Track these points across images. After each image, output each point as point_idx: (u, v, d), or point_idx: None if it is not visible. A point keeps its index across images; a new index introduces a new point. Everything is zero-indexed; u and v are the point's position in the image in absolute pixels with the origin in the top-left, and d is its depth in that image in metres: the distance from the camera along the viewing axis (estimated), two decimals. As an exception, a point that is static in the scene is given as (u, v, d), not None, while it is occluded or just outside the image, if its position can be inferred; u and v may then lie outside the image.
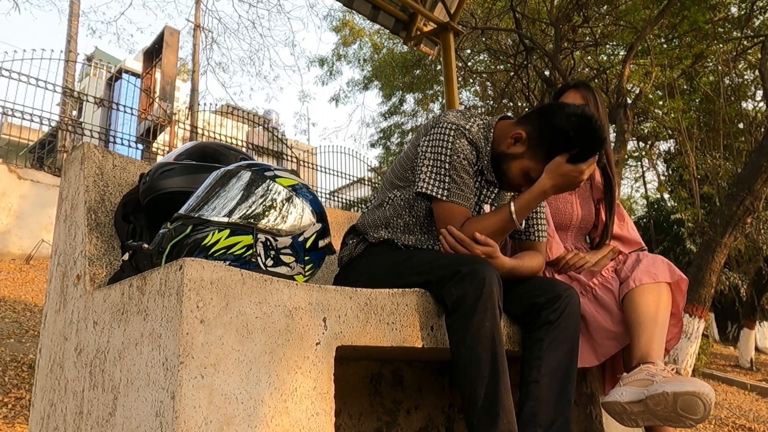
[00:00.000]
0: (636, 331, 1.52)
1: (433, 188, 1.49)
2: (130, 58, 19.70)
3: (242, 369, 1.01)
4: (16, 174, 7.47)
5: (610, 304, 1.62)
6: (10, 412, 2.95)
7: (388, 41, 12.41)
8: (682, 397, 1.30)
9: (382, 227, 1.61)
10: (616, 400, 1.43)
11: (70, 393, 1.30)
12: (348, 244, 1.68)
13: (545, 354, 1.42)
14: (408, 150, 1.62)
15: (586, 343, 1.63)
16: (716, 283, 4.97)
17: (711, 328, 12.34)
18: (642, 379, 1.41)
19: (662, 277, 1.60)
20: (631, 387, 1.42)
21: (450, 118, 1.53)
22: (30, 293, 5.81)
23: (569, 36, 8.81)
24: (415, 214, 1.59)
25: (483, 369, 1.26)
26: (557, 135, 1.44)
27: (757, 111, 8.51)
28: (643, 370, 1.44)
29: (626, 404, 1.40)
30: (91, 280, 1.39)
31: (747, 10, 7.78)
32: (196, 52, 13.85)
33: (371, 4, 4.50)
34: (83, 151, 1.57)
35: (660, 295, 1.57)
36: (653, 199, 15.94)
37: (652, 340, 1.50)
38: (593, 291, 1.65)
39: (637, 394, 1.39)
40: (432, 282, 1.38)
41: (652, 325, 1.52)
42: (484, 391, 1.25)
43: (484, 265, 1.33)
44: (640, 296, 1.56)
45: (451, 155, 1.49)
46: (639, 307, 1.54)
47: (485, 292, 1.29)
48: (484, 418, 1.24)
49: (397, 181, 1.62)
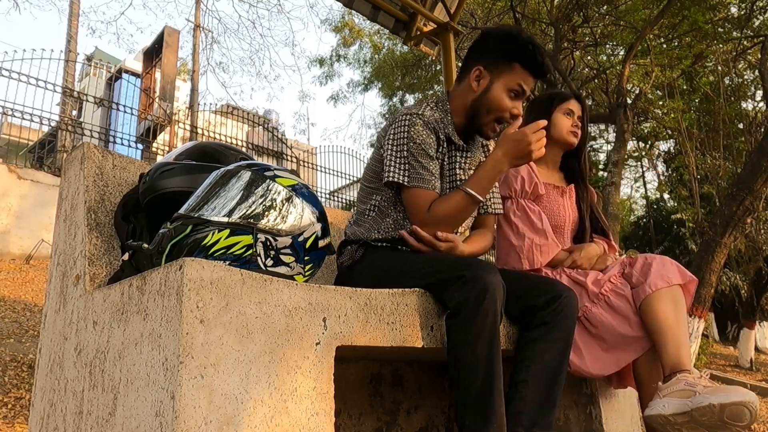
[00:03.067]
0: (661, 339, 1.52)
1: (396, 175, 1.55)
2: (130, 58, 19.70)
3: (242, 369, 1.01)
4: (16, 174, 7.46)
5: (625, 310, 1.61)
6: (10, 412, 2.94)
7: (388, 41, 12.41)
8: (729, 408, 1.31)
9: (374, 231, 1.63)
10: (660, 414, 1.43)
11: (69, 393, 1.30)
12: (346, 250, 1.69)
13: (536, 355, 1.44)
14: (375, 154, 1.68)
15: (604, 351, 1.62)
16: (716, 283, 4.97)
17: (711, 328, 12.33)
18: (682, 390, 1.41)
19: (675, 279, 1.60)
20: (672, 399, 1.42)
21: (403, 110, 1.63)
22: (30, 293, 5.81)
23: (569, 36, 8.81)
24: (401, 209, 1.62)
25: (478, 372, 1.29)
26: (501, 43, 1.60)
27: (757, 111, 8.50)
28: (681, 379, 1.44)
29: (670, 416, 1.40)
30: (91, 280, 1.38)
31: (747, 10, 7.78)
32: (196, 52, 13.85)
33: (371, 4, 4.50)
34: (83, 151, 1.57)
35: (676, 298, 1.58)
36: (653, 199, 15.95)
37: (680, 346, 1.50)
38: (606, 298, 1.64)
39: (681, 406, 1.39)
40: (434, 285, 1.39)
41: (675, 330, 1.52)
42: (478, 394, 1.28)
43: (487, 270, 1.34)
44: (658, 302, 1.55)
45: (408, 143, 1.56)
46: (659, 314, 1.54)
47: (488, 298, 1.30)
48: (476, 420, 1.27)
49: (374, 186, 1.67)
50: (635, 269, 1.66)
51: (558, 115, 1.94)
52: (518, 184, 1.86)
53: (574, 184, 1.98)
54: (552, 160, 1.98)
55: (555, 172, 2.00)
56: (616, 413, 1.83)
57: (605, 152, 14.15)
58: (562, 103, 1.95)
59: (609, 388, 1.85)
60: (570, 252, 1.82)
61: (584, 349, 1.62)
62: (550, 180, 1.95)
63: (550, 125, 1.91)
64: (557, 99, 1.98)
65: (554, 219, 1.89)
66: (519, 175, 1.86)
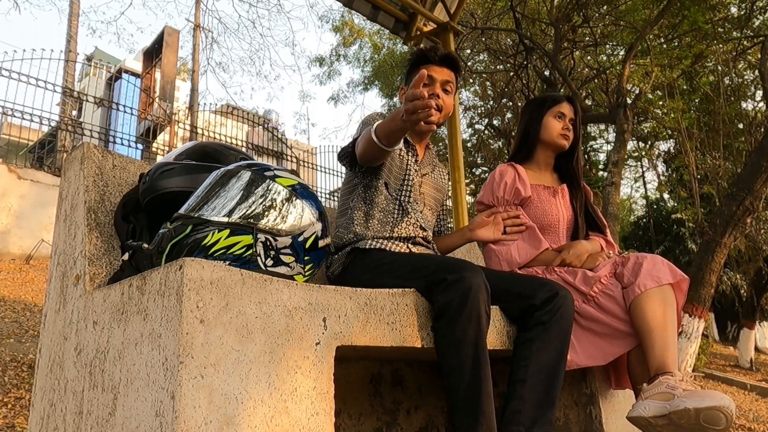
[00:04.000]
0: (648, 340, 1.53)
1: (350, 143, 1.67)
2: (130, 58, 19.71)
3: (242, 369, 1.01)
4: (16, 174, 7.46)
5: (614, 309, 1.62)
6: (10, 412, 2.94)
7: (388, 41, 12.41)
8: (704, 412, 1.33)
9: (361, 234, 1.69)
10: (640, 415, 1.45)
11: (69, 393, 1.30)
12: (334, 259, 1.73)
13: (534, 354, 1.45)
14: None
15: (592, 343, 1.63)
16: (716, 283, 4.97)
17: (711, 328, 12.34)
18: (663, 392, 1.42)
19: (665, 278, 1.60)
20: (653, 401, 1.43)
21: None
22: (30, 293, 5.81)
23: (569, 36, 8.81)
24: (369, 200, 1.73)
25: (465, 375, 1.30)
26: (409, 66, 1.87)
27: (757, 111, 8.50)
28: (662, 382, 1.45)
29: (650, 418, 1.42)
30: (91, 280, 1.38)
31: (747, 10, 7.78)
32: (196, 52, 13.85)
33: (371, 4, 4.50)
34: (83, 151, 1.57)
35: (665, 298, 1.58)
36: (653, 199, 15.95)
37: (666, 348, 1.51)
38: (595, 299, 1.65)
39: (660, 408, 1.40)
40: (421, 288, 1.40)
41: (662, 332, 1.52)
42: (466, 396, 1.30)
43: (471, 272, 1.35)
44: (647, 303, 1.56)
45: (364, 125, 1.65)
46: (647, 315, 1.54)
47: (470, 300, 1.31)
48: (465, 421, 1.28)
49: (347, 190, 1.79)
50: (626, 269, 1.67)
51: (549, 118, 1.96)
52: (501, 191, 1.91)
53: (567, 184, 2.00)
54: (544, 162, 2.00)
55: (548, 173, 2.02)
56: (616, 413, 1.83)
57: (605, 152, 14.16)
58: (553, 107, 1.97)
59: (609, 388, 1.85)
60: (559, 251, 1.83)
61: (574, 341, 1.62)
62: (541, 181, 1.97)
63: (541, 128, 1.96)
64: (548, 102, 1.99)
65: (546, 219, 1.91)
66: (503, 182, 1.91)
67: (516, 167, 1.94)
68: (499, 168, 1.97)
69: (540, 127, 1.96)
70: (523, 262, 1.81)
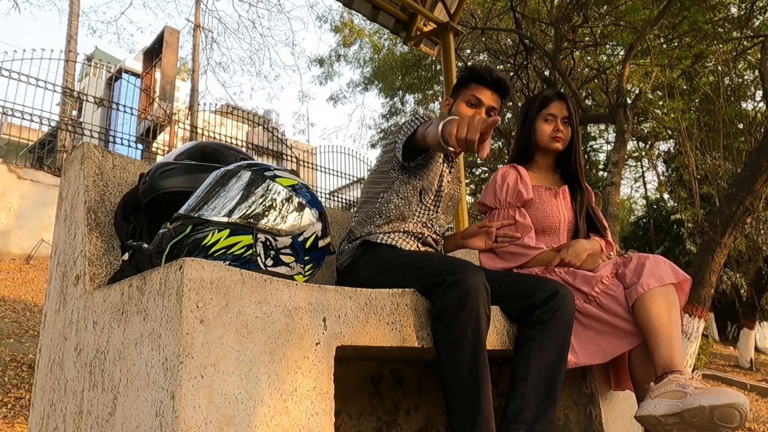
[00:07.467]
0: (653, 339, 1.52)
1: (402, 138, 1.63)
2: (130, 58, 19.69)
3: (242, 369, 1.01)
4: (16, 174, 7.46)
5: (616, 309, 1.61)
6: (10, 412, 2.94)
7: (388, 41, 12.41)
8: (719, 410, 1.31)
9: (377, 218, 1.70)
10: (650, 414, 1.43)
11: (69, 393, 1.30)
12: (346, 249, 1.74)
13: (535, 353, 1.45)
14: (382, 154, 1.79)
15: (592, 342, 1.63)
16: (716, 283, 4.96)
17: (711, 328, 12.34)
18: (673, 391, 1.41)
19: (668, 278, 1.60)
20: (663, 399, 1.42)
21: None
22: (30, 293, 5.80)
23: (569, 36, 8.81)
24: (402, 196, 1.70)
25: (464, 377, 1.30)
26: (459, 74, 1.89)
27: (757, 111, 8.50)
28: (672, 380, 1.44)
29: (661, 417, 1.41)
30: (91, 280, 1.38)
31: (747, 10, 7.78)
32: (196, 52, 13.85)
33: (371, 4, 4.50)
34: (83, 151, 1.57)
35: (669, 297, 1.58)
36: (653, 199, 15.95)
37: (672, 346, 1.50)
38: (597, 300, 1.65)
39: (672, 407, 1.39)
40: (421, 289, 1.40)
41: (668, 330, 1.52)
42: (465, 398, 1.29)
43: (470, 274, 1.35)
44: (651, 302, 1.56)
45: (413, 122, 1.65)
46: (652, 314, 1.54)
47: (468, 303, 1.31)
48: (464, 424, 1.28)
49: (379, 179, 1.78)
50: (628, 269, 1.67)
51: (539, 122, 1.96)
52: (503, 193, 1.91)
53: (568, 185, 2.00)
54: (543, 164, 2.01)
55: (549, 174, 2.02)
56: (616, 413, 1.83)
57: (605, 152, 14.16)
58: (542, 110, 1.96)
59: (609, 389, 1.85)
60: (558, 251, 1.83)
61: (573, 340, 1.62)
62: (542, 182, 1.97)
63: (533, 133, 1.97)
64: (538, 104, 1.98)
65: (547, 220, 1.91)
66: (505, 183, 1.91)
67: (518, 169, 1.94)
68: (501, 169, 1.97)
69: (532, 132, 1.97)
70: (518, 261, 1.83)
